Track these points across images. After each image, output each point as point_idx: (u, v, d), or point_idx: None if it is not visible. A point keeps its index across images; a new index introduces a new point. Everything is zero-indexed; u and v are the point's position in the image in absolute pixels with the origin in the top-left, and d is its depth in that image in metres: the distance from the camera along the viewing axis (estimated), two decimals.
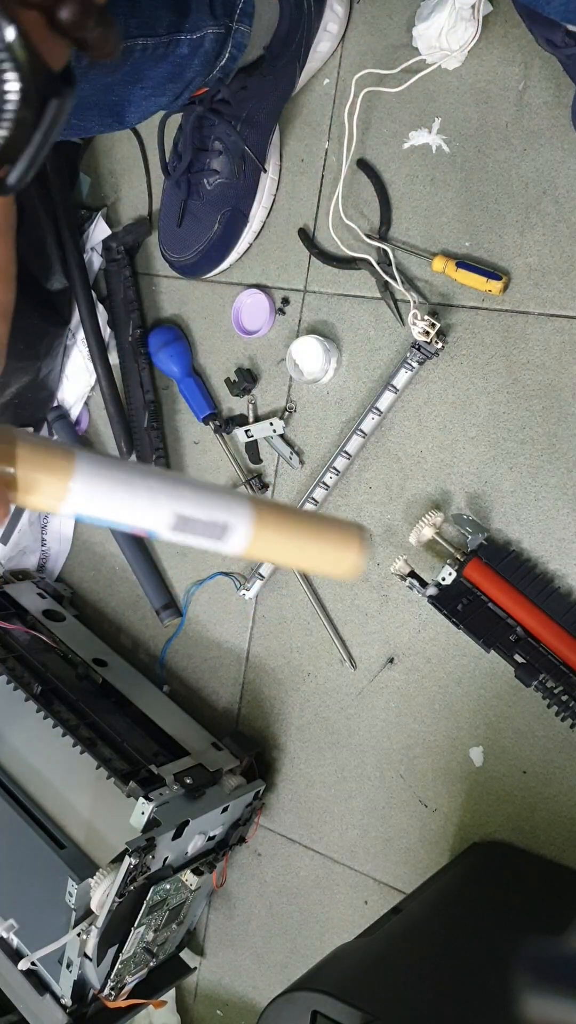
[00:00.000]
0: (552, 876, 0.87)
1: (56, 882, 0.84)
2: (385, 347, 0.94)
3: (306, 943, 1.06)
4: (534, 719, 0.88)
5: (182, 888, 0.96)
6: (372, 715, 0.98)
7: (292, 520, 0.46)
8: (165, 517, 0.42)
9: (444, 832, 0.94)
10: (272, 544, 0.45)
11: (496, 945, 0.73)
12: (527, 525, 0.87)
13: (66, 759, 0.94)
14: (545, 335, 0.85)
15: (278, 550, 0.46)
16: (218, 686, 1.10)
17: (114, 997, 0.94)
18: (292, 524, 0.46)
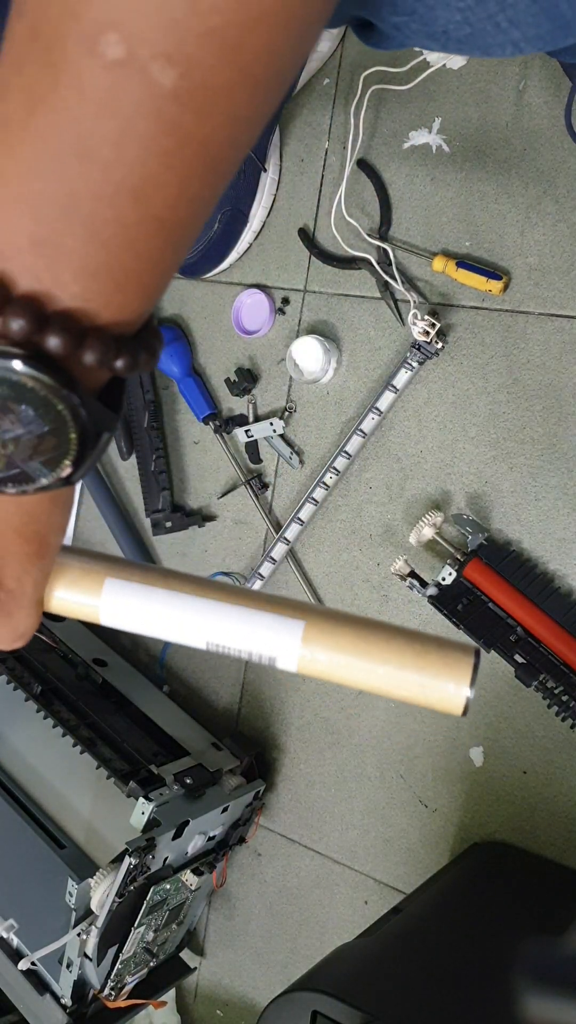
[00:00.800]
0: (553, 876, 0.87)
1: (56, 882, 0.84)
2: (385, 347, 0.94)
3: (306, 943, 1.06)
4: (534, 719, 0.88)
5: (182, 888, 0.96)
6: (372, 715, 0.98)
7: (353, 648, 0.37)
8: (198, 641, 0.38)
9: (444, 832, 0.94)
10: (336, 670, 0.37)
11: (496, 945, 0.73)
12: (527, 525, 0.87)
13: (66, 759, 0.94)
14: (545, 335, 0.85)
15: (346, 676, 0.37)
16: (218, 686, 1.10)
17: (114, 997, 0.94)
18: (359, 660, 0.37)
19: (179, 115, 0.25)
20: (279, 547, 1.00)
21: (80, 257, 0.27)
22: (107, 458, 1.16)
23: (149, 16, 0.23)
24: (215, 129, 0.26)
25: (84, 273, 0.27)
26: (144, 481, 1.11)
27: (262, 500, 1.04)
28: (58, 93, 0.24)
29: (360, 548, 0.97)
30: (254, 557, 1.05)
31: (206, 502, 1.09)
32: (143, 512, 1.12)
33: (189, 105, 0.24)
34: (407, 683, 0.37)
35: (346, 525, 0.98)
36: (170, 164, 0.26)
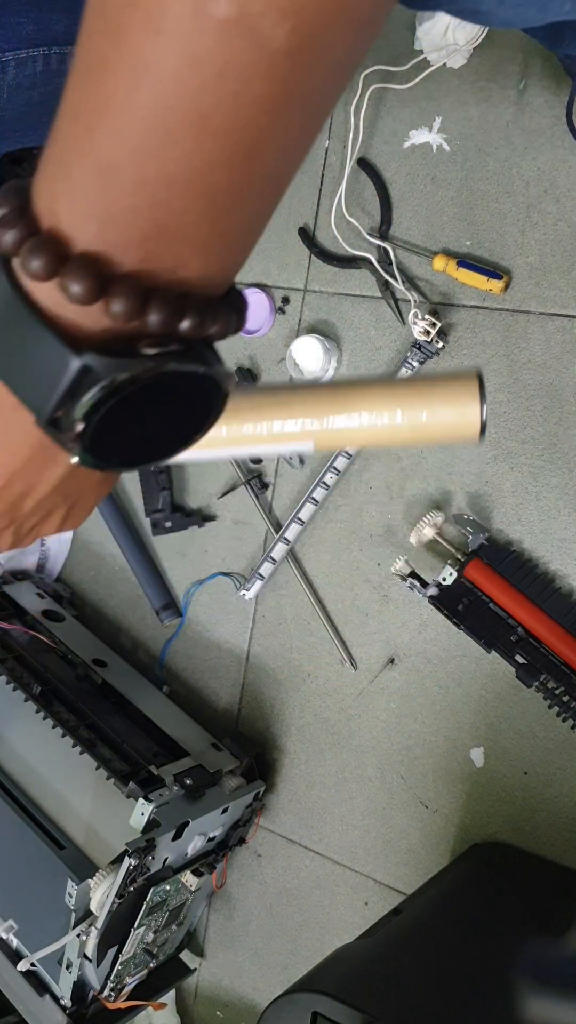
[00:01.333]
0: (553, 877, 0.86)
1: (56, 883, 0.84)
2: (385, 346, 0.94)
3: (306, 944, 1.06)
4: (535, 720, 0.88)
5: (182, 889, 0.96)
6: (372, 716, 0.98)
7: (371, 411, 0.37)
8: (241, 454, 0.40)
9: (445, 833, 0.94)
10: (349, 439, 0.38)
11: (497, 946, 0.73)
12: (528, 525, 0.87)
13: (66, 760, 0.94)
14: (546, 334, 0.85)
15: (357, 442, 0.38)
16: (218, 687, 1.10)
17: (114, 998, 0.94)
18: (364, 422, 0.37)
19: (290, 71, 0.23)
20: (279, 547, 1.00)
21: (198, 234, 0.26)
22: None
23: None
24: (322, 81, 0.24)
25: (201, 248, 0.27)
26: (144, 481, 1.11)
27: (262, 500, 1.04)
28: (162, 56, 0.23)
29: (360, 548, 0.97)
30: (254, 557, 1.05)
31: (206, 502, 1.09)
32: (143, 512, 1.12)
33: (300, 59, 0.23)
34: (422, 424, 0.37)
35: (346, 525, 0.98)
36: (279, 121, 0.24)
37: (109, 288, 0.26)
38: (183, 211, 0.25)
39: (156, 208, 0.25)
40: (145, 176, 0.25)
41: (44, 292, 0.27)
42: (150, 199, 0.25)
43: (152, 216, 0.25)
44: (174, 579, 1.12)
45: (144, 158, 0.24)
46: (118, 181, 0.25)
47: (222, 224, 0.27)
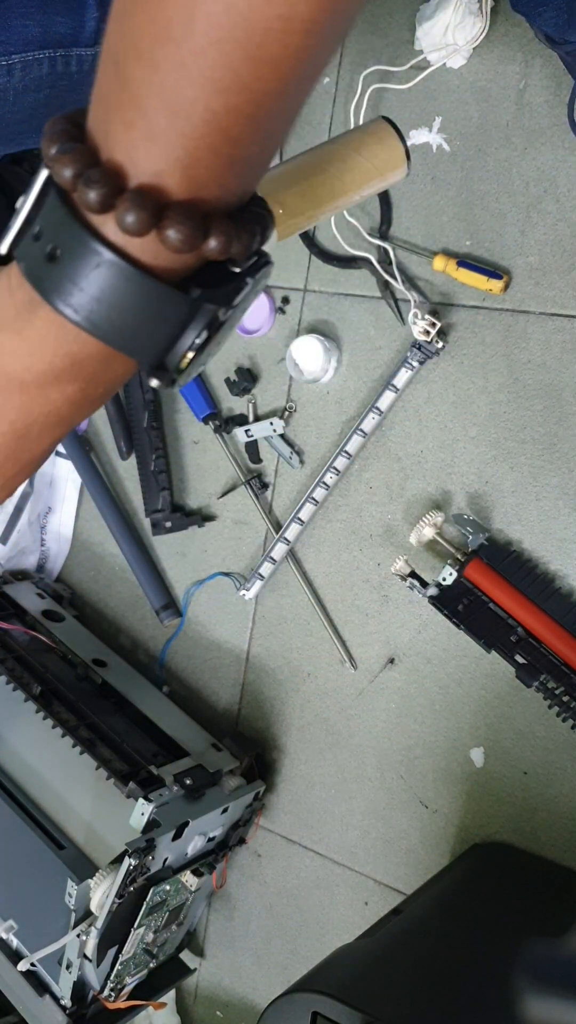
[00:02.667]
0: (553, 877, 0.86)
1: (55, 883, 0.84)
2: (385, 346, 0.94)
3: (306, 944, 1.06)
4: (535, 720, 0.88)
5: (182, 889, 0.96)
6: (372, 716, 0.98)
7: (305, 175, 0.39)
8: None
9: (445, 833, 0.94)
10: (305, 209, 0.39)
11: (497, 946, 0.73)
12: (528, 525, 0.87)
13: (65, 760, 0.94)
14: (546, 334, 0.85)
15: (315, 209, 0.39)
16: (218, 687, 1.10)
17: (114, 998, 0.94)
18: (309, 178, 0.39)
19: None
20: (279, 547, 1.00)
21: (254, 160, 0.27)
22: (106, 458, 1.16)
23: None
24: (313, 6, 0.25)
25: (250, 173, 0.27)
26: (144, 481, 1.11)
27: (262, 500, 1.04)
28: None
29: (360, 548, 0.97)
30: (254, 557, 1.05)
31: (206, 502, 1.09)
32: (143, 512, 1.12)
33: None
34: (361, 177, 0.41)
35: (346, 525, 0.98)
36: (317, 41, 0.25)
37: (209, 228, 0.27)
38: (251, 143, 0.26)
39: (230, 145, 0.26)
40: (215, 110, 0.25)
41: (139, 247, 0.28)
42: (224, 136, 0.26)
43: (228, 153, 0.26)
44: (174, 579, 1.12)
45: (211, 92, 0.25)
46: (190, 118, 0.25)
47: (269, 149, 0.28)
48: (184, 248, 0.27)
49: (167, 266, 0.28)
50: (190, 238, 0.27)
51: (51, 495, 1.20)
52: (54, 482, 1.20)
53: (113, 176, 0.27)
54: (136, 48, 0.25)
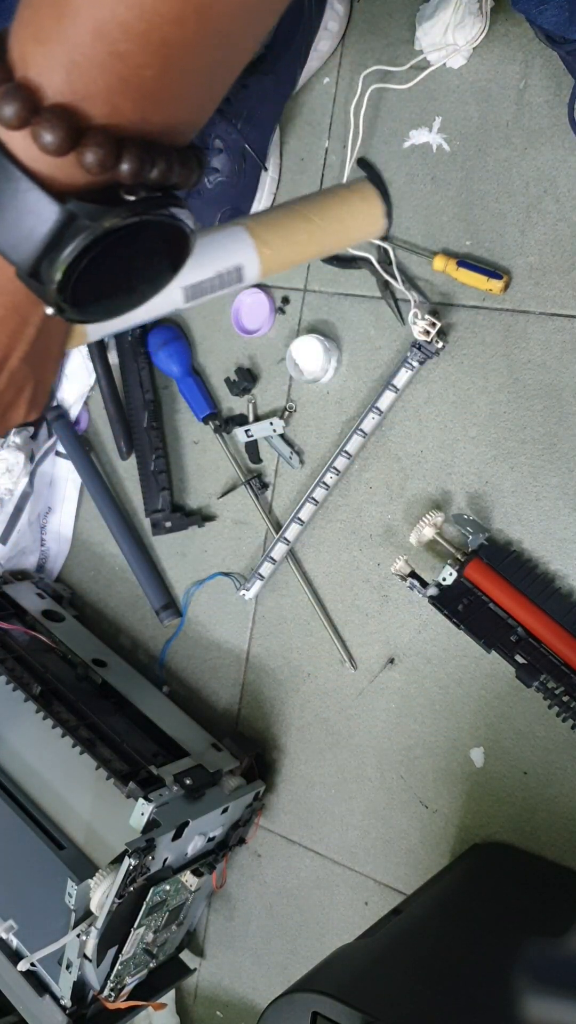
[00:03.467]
0: (553, 877, 0.86)
1: (55, 883, 0.84)
2: (385, 346, 0.94)
3: (306, 944, 1.06)
4: (535, 720, 0.88)
5: (182, 889, 0.96)
6: (372, 716, 0.98)
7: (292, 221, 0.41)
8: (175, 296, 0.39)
9: (445, 833, 0.94)
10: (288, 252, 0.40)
11: (497, 946, 0.73)
12: (528, 525, 0.87)
13: (65, 760, 0.94)
14: (546, 334, 0.85)
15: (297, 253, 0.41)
16: (218, 687, 1.10)
17: (114, 998, 0.94)
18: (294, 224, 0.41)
19: None
20: (279, 547, 1.00)
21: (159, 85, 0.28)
22: (106, 458, 1.16)
23: None
24: None
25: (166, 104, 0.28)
26: (144, 481, 1.11)
27: (262, 500, 1.04)
28: None
29: (360, 548, 0.97)
30: (254, 557, 1.05)
31: (206, 502, 1.09)
32: (143, 512, 1.12)
33: None
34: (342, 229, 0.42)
35: (346, 525, 0.98)
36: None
37: (83, 138, 0.27)
38: (143, 65, 0.27)
39: (116, 60, 0.27)
40: (102, 22, 0.26)
41: (20, 144, 0.28)
42: (109, 48, 0.26)
43: (114, 68, 0.27)
44: (174, 579, 1.12)
45: (99, 4, 0.26)
46: (77, 27, 0.26)
47: (180, 80, 0.28)
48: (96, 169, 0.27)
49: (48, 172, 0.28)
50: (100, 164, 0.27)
51: (51, 495, 1.20)
52: (54, 482, 1.20)
53: (28, 92, 0.27)
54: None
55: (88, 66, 0.27)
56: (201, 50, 0.28)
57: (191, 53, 0.27)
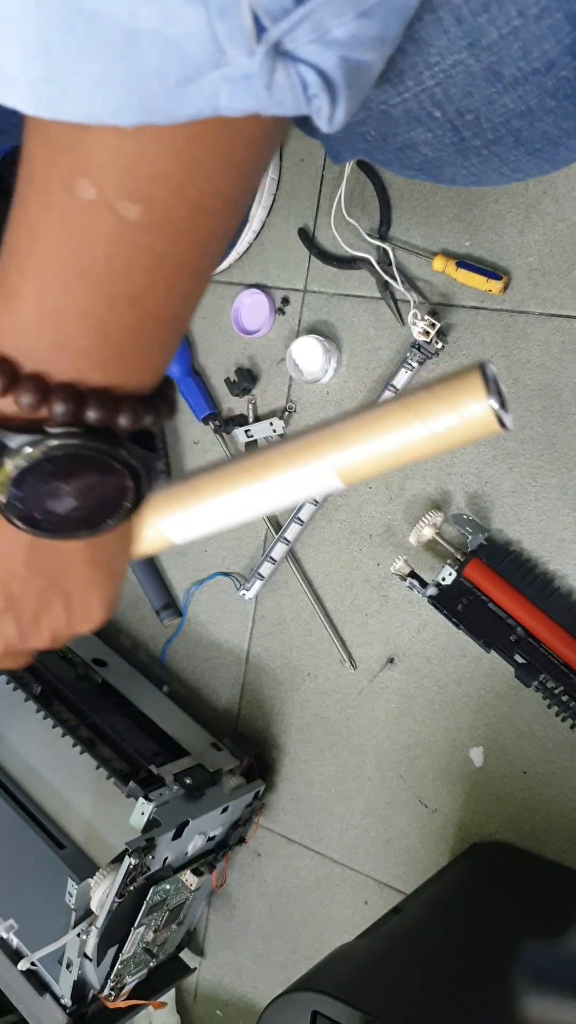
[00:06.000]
0: (553, 877, 0.87)
1: (56, 882, 0.84)
2: (385, 347, 0.94)
3: (306, 943, 1.06)
4: (534, 719, 0.88)
5: (182, 888, 0.96)
6: (372, 715, 0.98)
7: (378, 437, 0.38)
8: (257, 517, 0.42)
9: (444, 832, 0.94)
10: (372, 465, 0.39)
11: (496, 946, 0.73)
12: (527, 525, 0.87)
13: (66, 759, 0.94)
14: (545, 335, 0.85)
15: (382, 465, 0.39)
16: (218, 686, 1.10)
17: (114, 997, 0.94)
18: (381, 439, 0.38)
19: (150, 241, 0.30)
20: (279, 547, 1.00)
21: (95, 353, 0.32)
22: None
23: (108, 164, 0.27)
24: (187, 246, 0.30)
25: (100, 364, 0.33)
26: None
27: None
28: (50, 226, 0.29)
29: (360, 548, 0.97)
30: (254, 557, 1.05)
31: None
32: None
33: (157, 232, 0.29)
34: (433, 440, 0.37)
35: (346, 525, 0.98)
36: (154, 276, 0.31)
37: (16, 384, 0.32)
38: (78, 336, 0.32)
39: (54, 330, 0.32)
40: (43, 307, 0.31)
41: None
42: (49, 325, 0.32)
43: (51, 338, 0.32)
44: (174, 579, 1.13)
45: (41, 295, 0.31)
46: (22, 309, 0.31)
47: (117, 349, 0.33)
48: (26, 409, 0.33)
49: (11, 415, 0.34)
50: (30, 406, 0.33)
51: None
52: None
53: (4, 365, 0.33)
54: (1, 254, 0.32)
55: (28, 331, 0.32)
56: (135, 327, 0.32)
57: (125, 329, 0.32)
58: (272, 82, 0.25)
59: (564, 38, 0.33)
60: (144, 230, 0.29)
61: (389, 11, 0.27)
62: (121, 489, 0.36)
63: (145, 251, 0.30)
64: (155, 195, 0.28)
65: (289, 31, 0.25)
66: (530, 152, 0.40)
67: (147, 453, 0.37)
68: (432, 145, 0.39)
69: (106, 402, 0.33)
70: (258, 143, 0.29)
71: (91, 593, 0.43)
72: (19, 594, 0.40)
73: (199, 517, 0.42)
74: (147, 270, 0.30)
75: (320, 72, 0.26)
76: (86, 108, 0.26)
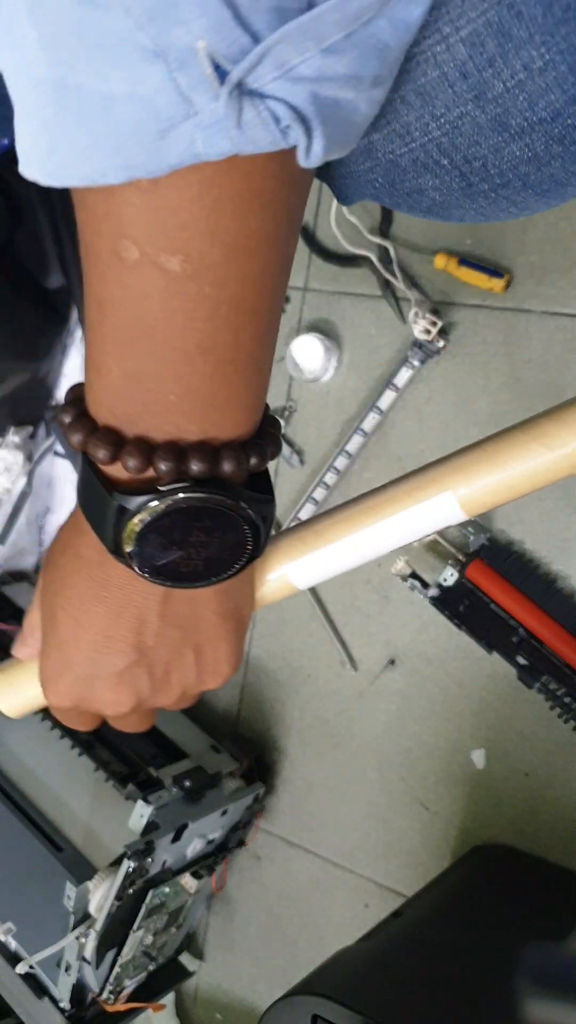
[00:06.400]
0: (554, 879, 0.86)
1: (54, 885, 0.84)
2: (386, 345, 0.93)
3: (306, 947, 1.06)
4: (536, 721, 0.87)
5: (181, 891, 0.96)
6: (373, 717, 0.97)
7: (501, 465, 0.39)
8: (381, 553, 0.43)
9: (445, 835, 0.94)
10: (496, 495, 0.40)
11: (498, 949, 0.73)
12: (529, 525, 0.87)
13: (64, 762, 0.94)
14: (547, 333, 0.85)
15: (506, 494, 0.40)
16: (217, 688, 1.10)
17: (113, 1001, 0.94)
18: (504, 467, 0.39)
19: (199, 289, 0.31)
20: None
21: (185, 407, 0.34)
22: None
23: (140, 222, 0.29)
24: (237, 289, 0.31)
25: (193, 417, 0.34)
26: None
27: None
28: (111, 293, 0.31)
29: None
30: None
31: None
32: None
33: (203, 280, 0.30)
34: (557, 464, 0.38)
35: None
36: (215, 323, 0.32)
37: (122, 450, 0.35)
38: (165, 392, 0.33)
39: (140, 391, 0.34)
40: (126, 371, 0.33)
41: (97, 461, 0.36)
42: (135, 387, 0.33)
43: (141, 398, 0.34)
44: None
45: (120, 360, 0.33)
46: (110, 377, 0.34)
47: (203, 399, 0.34)
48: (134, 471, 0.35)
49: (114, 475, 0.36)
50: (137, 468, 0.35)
51: (49, 495, 1.20)
52: (52, 483, 1.19)
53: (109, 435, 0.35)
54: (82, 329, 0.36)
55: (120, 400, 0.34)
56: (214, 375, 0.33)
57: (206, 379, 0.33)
58: (241, 121, 0.27)
59: (569, 88, 0.34)
60: (191, 279, 0.30)
61: (361, 49, 0.27)
62: (239, 534, 0.38)
63: (198, 300, 0.31)
64: (189, 244, 0.29)
65: (250, 70, 0.26)
66: (538, 194, 0.41)
67: (260, 496, 0.38)
68: (440, 190, 0.40)
69: (206, 453, 0.35)
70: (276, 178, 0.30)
71: (220, 646, 0.44)
72: (153, 645, 0.42)
73: (324, 560, 0.43)
74: (207, 319, 0.32)
75: (291, 106, 0.27)
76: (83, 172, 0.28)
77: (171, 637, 0.42)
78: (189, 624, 0.42)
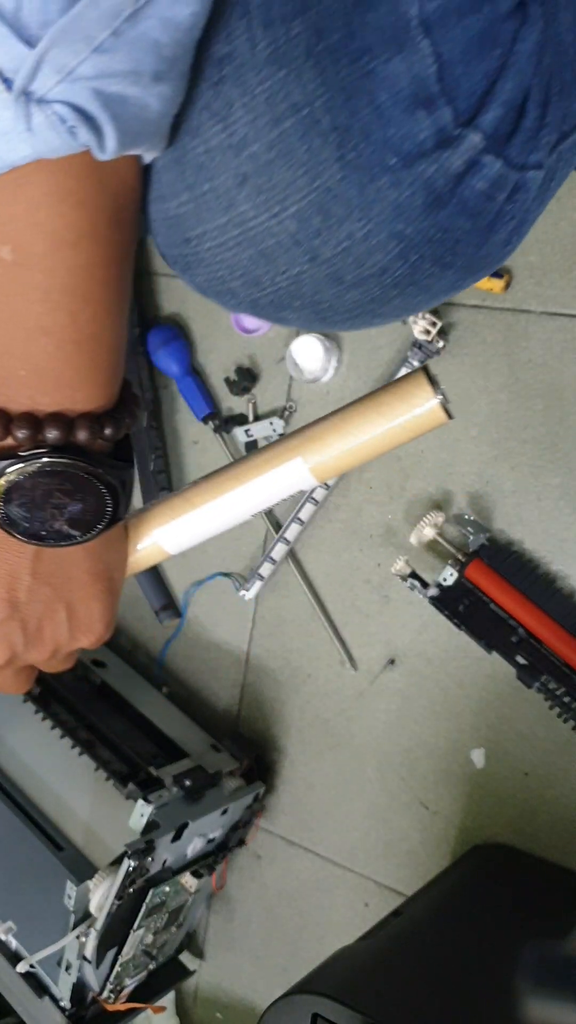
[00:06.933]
0: (554, 879, 0.86)
1: (55, 884, 0.84)
2: (386, 346, 0.93)
3: (306, 946, 1.06)
4: (536, 721, 0.87)
5: (181, 891, 0.96)
6: (373, 717, 0.97)
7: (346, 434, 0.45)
8: (242, 519, 0.48)
9: (445, 834, 0.94)
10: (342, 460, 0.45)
11: (498, 948, 0.73)
12: (529, 525, 0.87)
13: (65, 761, 0.94)
14: (547, 333, 0.85)
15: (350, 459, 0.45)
16: (217, 687, 1.10)
17: (113, 1000, 0.94)
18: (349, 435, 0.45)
19: (31, 276, 0.33)
20: (279, 547, 0.99)
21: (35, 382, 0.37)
22: None
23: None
24: (65, 277, 0.34)
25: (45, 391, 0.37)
26: (143, 481, 1.10)
27: None
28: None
29: (360, 548, 0.97)
30: (254, 557, 1.05)
31: None
32: None
33: (34, 268, 0.33)
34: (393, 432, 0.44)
35: (346, 525, 0.97)
36: (50, 306, 0.34)
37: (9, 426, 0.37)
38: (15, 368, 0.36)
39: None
40: None
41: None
42: None
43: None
44: (174, 579, 1.12)
45: None
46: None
47: (53, 375, 0.37)
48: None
49: None
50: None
51: None
52: None
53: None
54: None
55: None
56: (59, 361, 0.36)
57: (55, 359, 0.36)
58: (32, 126, 0.29)
59: (392, 249, 0.39)
60: (22, 267, 0.33)
61: (134, 47, 0.29)
62: (99, 497, 0.41)
63: (31, 286, 0.34)
64: (18, 236, 0.32)
65: (31, 78, 0.28)
66: (394, 314, 0.45)
67: (118, 463, 0.41)
68: (301, 321, 0.45)
69: (62, 423, 0.38)
70: (87, 177, 0.32)
71: (92, 604, 0.47)
72: (25, 600, 0.44)
73: (191, 523, 0.47)
74: (41, 302, 0.34)
75: (74, 107, 0.29)
76: None
77: (43, 594, 0.44)
78: (60, 583, 0.45)
